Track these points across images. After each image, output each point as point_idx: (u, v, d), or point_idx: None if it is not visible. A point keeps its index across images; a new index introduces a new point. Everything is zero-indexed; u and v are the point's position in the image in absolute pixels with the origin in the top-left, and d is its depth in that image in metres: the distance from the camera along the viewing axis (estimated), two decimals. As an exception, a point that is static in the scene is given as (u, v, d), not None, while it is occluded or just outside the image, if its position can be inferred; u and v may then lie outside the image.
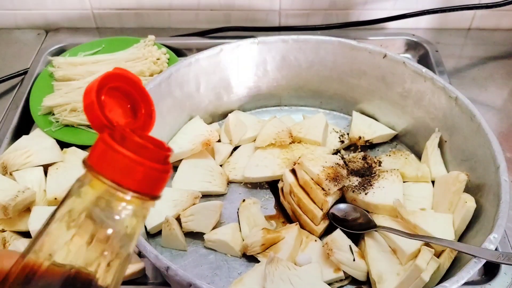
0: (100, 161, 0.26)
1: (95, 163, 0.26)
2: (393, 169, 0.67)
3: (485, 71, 0.94)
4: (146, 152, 0.26)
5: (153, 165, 0.26)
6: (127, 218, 0.27)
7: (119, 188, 0.25)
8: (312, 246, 0.62)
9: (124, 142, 0.26)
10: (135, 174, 0.25)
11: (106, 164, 0.25)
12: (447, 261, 0.56)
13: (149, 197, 0.27)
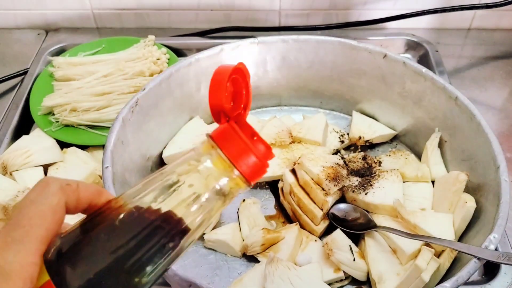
0: (223, 139, 0.31)
1: (218, 139, 0.31)
2: (393, 169, 0.67)
3: (485, 71, 0.94)
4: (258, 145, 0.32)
5: (262, 157, 0.31)
6: (223, 190, 0.32)
7: (231, 165, 0.31)
8: (312, 246, 0.62)
9: (243, 129, 0.32)
10: (247, 160, 0.31)
11: (227, 143, 0.31)
12: (447, 261, 0.56)
13: (247, 183, 0.32)
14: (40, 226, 0.27)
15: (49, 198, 0.28)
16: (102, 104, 0.78)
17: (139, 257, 0.28)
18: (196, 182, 0.31)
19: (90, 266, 0.28)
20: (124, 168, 0.61)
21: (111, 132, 0.59)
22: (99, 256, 0.28)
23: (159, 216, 0.30)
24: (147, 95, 0.66)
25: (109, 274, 0.28)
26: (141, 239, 0.29)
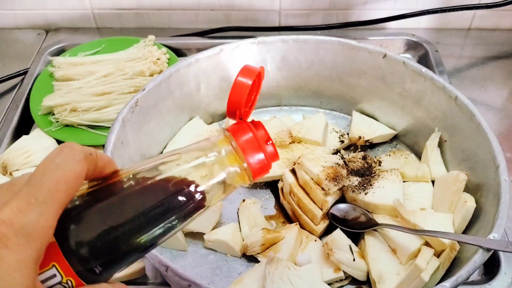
0: (238, 135, 0.34)
1: (235, 134, 0.34)
2: (393, 169, 0.67)
3: (485, 71, 0.94)
4: (268, 146, 0.36)
5: (269, 157, 0.36)
6: (228, 181, 0.34)
7: (241, 159, 0.34)
8: (312, 246, 0.62)
9: (257, 128, 0.35)
10: (257, 157, 0.34)
11: (242, 139, 0.34)
12: (447, 260, 0.56)
13: (251, 178, 0.35)
14: (64, 192, 0.27)
15: (75, 165, 0.28)
16: (102, 104, 0.78)
17: (142, 221, 0.30)
18: (205, 168, 0.33)
19: (96, 227, 0.29)
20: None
21: (111, 133, 0.59)
22: (105, 217, 0.29)
23: (164, 187, 0.31)
24: (147, 95, 0.66)
25: (114, 235, 0.29)
26: (144, 204, 0.30)
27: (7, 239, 0.25)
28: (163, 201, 0.31)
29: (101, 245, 0.29)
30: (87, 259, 0.28)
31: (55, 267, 0.27)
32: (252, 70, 0.36)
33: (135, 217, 0.30)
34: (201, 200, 0.32)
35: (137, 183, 0.31)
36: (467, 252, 0.55)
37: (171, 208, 0.31)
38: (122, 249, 0.29)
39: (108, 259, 0.29)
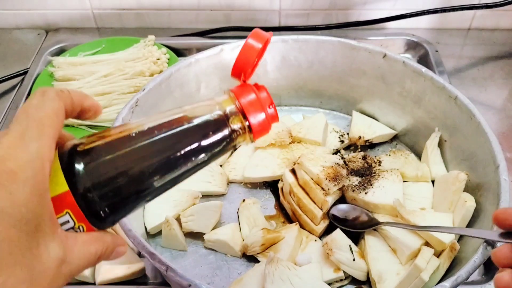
0: (242, 95, 0.36)
1: (238, 94, 0.36)
2: (393, 169, 0.67)
3: (485, 71, 0.94)
4: (269, 108, 0.37)
5: (270, 118, 0.37)
6: (229, 137, 0.35)
7: (243, 114, 0.35)
8: (312, 246, 0.62)
9: (259, 91, 0.37)
10: (258, 116, 0.36)
11: (245, 99, 0.36)
12: (446, 260, 0.56)
13: (251, 137, 0.36)
14: (50, 127, 0.28)
15: (51, 103, 0.29)
16: (102, 104, 0.78)
17: (147, 163, 0.32)
18: (208, 124, 0.35)
19: (106, 171, 0.30)
20: (124, 168, 0.61)
21: (111, 132, 0.59)
22: (114, 160, 0.31)
23: (168, 136, 0.33)
24: (147, 95, 0.66)
25: (122, 178, 0.31)
26: (151, 147, 0.32)
27: (14, 174, 0.26)
28: (168, 146, 0.33)
29: (110, 189, 0.30)
30: (97, 204, 0.30)
31: (68, 214, 0.29)
32: (262, 35, 0.38)
33: (141, 159, 0.32)
34: (204, 152, 0.34)
35: (145, 130, 0.33)
36: (467, 252, 0.55)
37: (175, 155, 0.33)
38: (130, 190, 0.31)
39: (117, 202, 0.31)
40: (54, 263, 0.27)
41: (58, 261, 0.27)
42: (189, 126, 0.34)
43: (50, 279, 0.27)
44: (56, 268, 0.27)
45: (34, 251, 0.26)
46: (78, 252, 0.29)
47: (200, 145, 0.34)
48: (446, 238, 0.56)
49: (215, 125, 0.35)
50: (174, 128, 0.33)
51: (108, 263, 0.59)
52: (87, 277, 0.59)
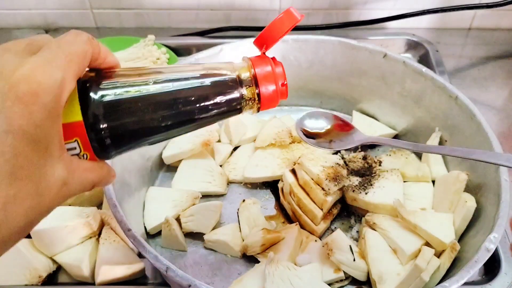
0: (258, 65, 0.39)
1: (255, 63, 0.39)
2: (393, 169, 0.67)
3: (485, 71, 0.94)
4: (277, 76, 0.40)
5: (280, 93, 0.39)
6: (237, 101, 0.38)
7: (255, 83, 0.38)
8: (312, 246, 0.62)
9: (276, 65, 0.40)
10: (269, 88, 0.38)
11: (261, 69, 0.39)
12: (447, 261, 0.56)
13: (258, 106, 0.39)
14: (76, 63, 0.30)
15: (82, 44, 0.31)
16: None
17: (159, 105, 0.34)
18: (221, 84, 0.37)
19: (119, 102, 0.33)
20: (123, 168, 0.61)
21: (110, 132, 0.59)
22: (126, 97, 0.33)
23: (180, 87, 0.36)
24: (147, 95, 0.65)
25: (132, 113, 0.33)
26: (163, 94, 0.35)
27: (36, 96, 0.27)
28: (180, 94, 0.35)
29: (119, 123, 0.33)
30: (104, 136, 0.33)
31: (76, 142, 0.32)
32: (294, 16, 0.40)
33: (152, 100, 0.34)
34: (211, 108, 0.36)
35: (162, 75, 0.35)
36: (467, 252, 0.55)
37: (184, 104, 0.35)
38: (136, 127, 0.34)
39: (122, 137, 0.34)
40: (57, 183, 0.29)
41: (61, 181, 0.30)
42: (203, 80, 0.36)
43: (52, 198, 0.29)
44: (58, 188, 0.29)
45: (42, 169, 0.28)
46: (78, 178, 0.31)
47: (209, 100, 0.36)
48: (447, 238, 0.56)
49: (228, 86, 0.37)
50: (189, 79, 0.36)
51: (108, 263, 0.59)
52: (87, 277, 0.59)
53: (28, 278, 0.58)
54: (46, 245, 0.59)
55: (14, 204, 0.27)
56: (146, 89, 0.34)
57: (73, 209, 0.62)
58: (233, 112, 0.38)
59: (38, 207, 0.28)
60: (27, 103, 0.27)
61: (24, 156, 0.27)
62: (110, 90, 0.33)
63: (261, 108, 0.40)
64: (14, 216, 0.27)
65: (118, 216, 0.51)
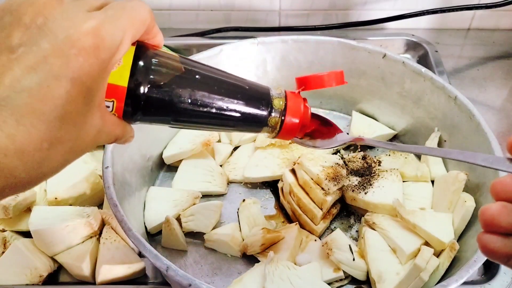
0: (292, 99, 0.42)
1: (288, 95, 0.42)
2: (392, 169, 0.67)
3: (484, 71, 0.95)
4: (304, 116, 0.43)
5: (297, 130, 0.43)
6: (267, 119, 0.41)
7: (282, 112, 0.42)
8: (312, 245, 0.62)
9: (305, 108, 0.43)
10: (294, 119, 0.42)
11: (293, 102, 0.42)
12: (446, 260, 0.56)
13: (275, 134, 0.43)
14: (136, 29, 0.32)
15: (145, 13, 0.33)
16: (102, 104, 0.78)
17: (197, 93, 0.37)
18: (257, 98, 0.41)
19: (163, 79, 0.36)
20: (124, 168, 0.61)
21: (111, 132, 0.59)
22: (170, 76, 0.36)
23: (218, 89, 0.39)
24: (147, 95, 0.66)
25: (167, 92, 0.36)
26: (204, 84, 0.38)
27: (97, 49, 0.29)
28: (218, 91, 0.38)
29: (155, 98, 0.35)
30: (139, 105, 0.35)
31: (113, 102, 0.34)
32: (342, 81, 0.44)
33: (193, 87, 0.37)
34: (238, 115, 0.39)
35: (210, 69, 0.39)
36: (466, 252, 0.55)
37: (218, 100, 0.38)
38: (170, 105, 0.36)
39: (153, 110, 0.36)
40: (93, 130, 0.32)
41: (96, 130, 0.32)
42: (244, 86, 0.40)
43: (86, 143, 0.32)
44: (94, 135, 0.32)
45: (85, 117, 0.30)
46: (108, 129, 0.34)
47: (241, 105, 0.39)
48: (446, 238, 0.56)
49: (261, 101, 0.40)
50: (232, 78, 0.39)
51: (109, 262, 0.59)
52: (87, 276, 0.59)
53: (29, 277, 0.58)
54: (46, 245, 0.60)
55: (58, 146, 0.29)
56: (192, 72, 0.37)
57: (73, 209, 0.62)
58: (254, 126, 0.41)
59: (75, 151, 0.31)
60: (89, 55, 0.29)
61: (75, 104, 0.29)
62: (159, 64, 0.35)
63: (278, 137, 0.43)
64: (55, 156, 0.29)
65: (119, 215, 0.51)
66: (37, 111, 0.27)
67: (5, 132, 0.27)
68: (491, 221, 0.29)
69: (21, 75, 0.27)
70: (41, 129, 0.28)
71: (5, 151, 0.27)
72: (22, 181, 0.29)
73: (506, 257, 0.29)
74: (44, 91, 0.28)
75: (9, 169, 0.27)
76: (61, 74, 0.28)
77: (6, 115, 0.27)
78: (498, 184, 0.30)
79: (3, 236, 0.62)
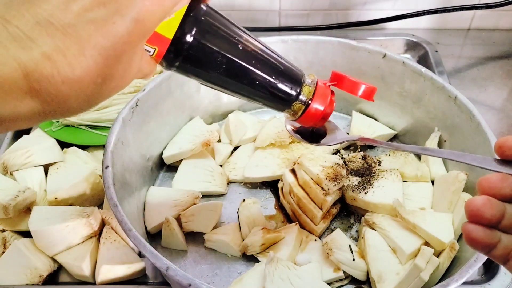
0: (322, 87, 0.44)
1: (319, 86, 0.44)
2: (392, 169, 0.67)
3: (484, 71, 0.95)
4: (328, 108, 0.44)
5: (319, 117, 0.44)
6: (295, 98, 0.43)
7: (307, 101, 0.43)
8: (312, 245, 0.62)
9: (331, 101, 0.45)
10: (319, 106, 0.43)
11: (321, 93, 0.43)
12: (446, 260, 0.56)
13: (297, 117, 0.44)
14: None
15: None
16: (102, 104, 0.78)
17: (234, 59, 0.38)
18: (289, 76, 0.42)
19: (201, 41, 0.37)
20: (124, 168, 0.61)
21: (111, 133, 0.60)
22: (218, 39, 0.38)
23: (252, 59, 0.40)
24: (147, 96, 0.66)
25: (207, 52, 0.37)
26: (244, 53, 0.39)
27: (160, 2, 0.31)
28: (254, 64, 0.39)
29: (194, 56, 0.37)
30: (178, 59, 0.37)
31: (155, 49, 0.36)
32: (370, 97, 0.45)
33: (232, 53, 0.38)
34: (269, 87, 0.41)
35: (252, 39, 0.40)
36: (466, 252, 0.55)
37: (250, 71, 0.40)
38: (206, 64, 0.38)
39: (189, 66, 0.38)
40: (135, 69, 0.33)
41: (137, 69, 0.34)
42: (278, 68, 0.41)
43: (127, 82, 0.33)
44: (134, 73, 0.34)
45: (134, 56, 0.32)
46: (143, 68, 0.35)
47: (270, 84, 0.41)
48: (446, 238, 0.56)
49: (295, 79, 0.42)
50: (272, 52, 0.41)
51: (109, 262, 0.59)
52: (87, 276, 0.59)
53: (29, 277, 0.58)
54: (47, 245, 0.60)
55: (108, 82, 0.31)
56: (235, 37, 0.38)
57: (74, 209, 0.62)
58: (277, 105, 0.43)
59: (119, 87, 0.33)
60: (154, 0, 0.30)
61: (132, 43, 0.30)
62: (207, 22, 0.37)
63: (297, 121, 0.44)
64: (104, 91, 0.31)
65: (119, 215, 0.51)
66: (99, 45, 0.28)
67: (67, 59, 0.27)
68: (476, 212, 0.31)
69: (90, 6, 0.28)
70: (99, 63, 0.29)
71: (64, 79, 0.28)
72: (69, 110, 0.30)
73: (487, 247, 0.31)
74: (109, 27, 0.29)
75: (63, 96, 0.28)
76: (127, 13, 0.29)
77: (70, 43, 0.27)
78: (484, 181, 0.32)
79: (3, 236, 0.62)
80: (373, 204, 0.63)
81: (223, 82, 0.40)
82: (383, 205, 0.62)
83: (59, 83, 0.28)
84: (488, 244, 0.31)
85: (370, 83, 0.71)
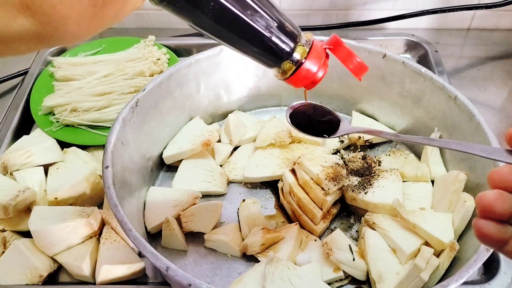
0: (317, 47, 0.44)
1: (315, 43, 0.44)
2: (392, 169, 0.67)
3: (484, 71, 0.95)
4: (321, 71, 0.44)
5: (309, 79, 0.44)
6: (282, 66, 0.43)
7: (300, 61, 0.43)
8: (311, 245, 0.62)
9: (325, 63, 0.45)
10: (312, 67, 0.43)
11: (317, 51, 0.44)
12: (446, 260, 0.56)
13: (287, 76, 0.44)
14: None
15: None
16: (103, 104, 0.78)
17: None
18: (284, 32, 0.41)
19: None
20: (124, 168, 0.61)
21: (111, 133, 0.60)
22: None
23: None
24: (147, 96, 0.66)
25: None
26: None
27: None
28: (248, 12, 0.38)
29: None
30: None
31: None
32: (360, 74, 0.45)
33: None
34: (260, 40, 0.39)
35: None
36: (466, 252, 0.55)
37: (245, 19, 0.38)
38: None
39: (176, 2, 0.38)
40: None
41: None
42: (280, 14, 0.39)
43: (127, 11, 0.35)
44: (134, 2, 0.35)
45: None
46: None
47: (263, 37, 0.39)
48: (446, 238, 0.56)
49: (290, 35, 0.40)
50: (267, 11, 0.39)
51: (109, 262, 0.59)
52: (87, 276, 0.59)
53: (29, 277, 0.58)
54: (47, 245, 0.60)
55: (109, 7, 0.31)
56: None
57: (74, 209, 0.62)
58: (267, 61, 0.41)
59: (119, 15, 0.34)
60: None
61: None
62: None
63: (287, 80, 0.43)
64: (104, 16, 0.31)
65: (119, 215, 0.51)
66: None
67: None
68: (487, 207, 0.29)
69: None
70: None
71: None
72: (68, 35, 0.29)
73: (499, 242, 0.30)
74: None
75: (61, 17, 0.27)
76: None
77: None
78: (495, 174, 0.31)
79: (3, 236, 0.62)
80: (373, 204, 0.63)
81: (212, 26, 0.38)
82: (383, 205, 0.62)
83: (56, 2, 0.27)
84: (500, 240, 0.30)
85: (370, 83, 0.71)
